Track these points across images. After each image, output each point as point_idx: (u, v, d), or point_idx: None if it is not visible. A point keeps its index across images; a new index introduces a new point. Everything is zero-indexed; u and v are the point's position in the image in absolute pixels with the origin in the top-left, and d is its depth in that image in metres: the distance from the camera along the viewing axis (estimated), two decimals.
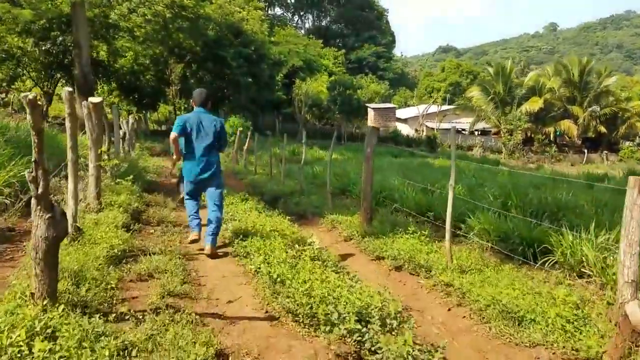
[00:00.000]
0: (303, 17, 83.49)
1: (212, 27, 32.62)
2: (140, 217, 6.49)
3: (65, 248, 3.91)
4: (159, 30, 28.25)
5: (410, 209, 7.41)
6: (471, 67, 71.72)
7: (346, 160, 19.12)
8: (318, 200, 9.06)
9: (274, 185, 11.29)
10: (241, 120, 19.70)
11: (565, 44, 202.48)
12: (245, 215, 6.62)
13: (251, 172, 15.75)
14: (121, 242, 4.49)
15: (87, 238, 4.33)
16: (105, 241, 4.31)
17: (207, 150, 5.32)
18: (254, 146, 17.88)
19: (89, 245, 4.15)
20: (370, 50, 72.93)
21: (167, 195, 8.89)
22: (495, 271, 4.89)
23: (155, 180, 11.49)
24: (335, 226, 6.97)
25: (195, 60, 33.10)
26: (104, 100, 26.41)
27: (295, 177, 13.15)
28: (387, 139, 35.68)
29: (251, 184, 12.77)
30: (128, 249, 4.59)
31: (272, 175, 13.70)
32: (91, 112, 5.78)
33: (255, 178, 13.52)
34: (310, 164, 18.38)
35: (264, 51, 34.42)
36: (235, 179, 14.77)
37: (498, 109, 40.64)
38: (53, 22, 25.42)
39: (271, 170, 13.89)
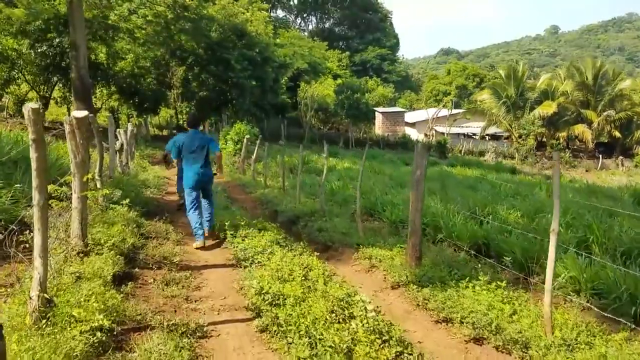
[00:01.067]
0: (306, 19, 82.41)
1: (215, 28, 31.42)
2: (137, 256, 5.25)
3: (24, 339, 2.69)
4: (160, 32, 27.11)
5: (463, 241, 6.17)
6: (477, 70, 70.53)
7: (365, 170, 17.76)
8: (343, 224, 7.82)
9: (289, 203, 10.05)
10: (247, 126, 18.44)
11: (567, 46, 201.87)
12: (267, 257, 5.37)
13: (260, 183, 14.51)
14: (107, 314, 3.24)
15: (60, 314, 3.09)
16: (86, 318, 3.07)
17: (203, 165, 6.63)
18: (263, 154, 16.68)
19: (60, 329, 2.91)
20: (375, 53, 71.75)
21: (170, 218, 7.68)
22: (604, 341, 3.66)
23: (156, 198, 10.24)
24: (375, 265, 5.71)
25: (197, 63, 31.88)
26: (104, 104, 25.24)
27: (311, 192, 11.93)
28: (396, 145, 34.44)
29: (262, 200, 11.53)
30: (117, 322, 3.34)
31: (285, 189, 12.43)
32: (75, 129, 4.55)
33: (265, 193, 12.28)
34: (320, 174, 17.16)
35: (269, 53, 33.21)
36: (244, 192, 13.54)
37: (510, 112, 39.40)
38: (50, 23, 24.29)
39: (284, 183, 12.62)
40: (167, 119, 36.45)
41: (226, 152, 18.96)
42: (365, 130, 38.89)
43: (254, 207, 11.31)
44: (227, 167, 18.07)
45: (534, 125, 36.96)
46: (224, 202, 10.55)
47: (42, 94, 26.60)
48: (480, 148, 37.97)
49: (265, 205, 10.99)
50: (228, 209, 9.49)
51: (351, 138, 33.05)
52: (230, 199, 12.26)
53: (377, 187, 11.64)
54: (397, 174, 16.91)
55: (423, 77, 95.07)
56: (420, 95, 74.05)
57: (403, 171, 17.87)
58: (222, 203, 10.21)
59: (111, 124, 8.66)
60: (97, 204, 5.98)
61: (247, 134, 17.60)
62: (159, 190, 11.93)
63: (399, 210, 8.11)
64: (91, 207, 5.73)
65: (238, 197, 12.78)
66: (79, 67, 21.56)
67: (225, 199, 11.33)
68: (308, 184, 13.53)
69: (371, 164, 19.38)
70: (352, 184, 12.33)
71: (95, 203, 5.86)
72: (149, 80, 32.11)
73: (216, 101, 33.34)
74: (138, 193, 8.33)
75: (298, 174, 11.23)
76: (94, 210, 5.85)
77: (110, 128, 8.48)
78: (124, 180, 8.79)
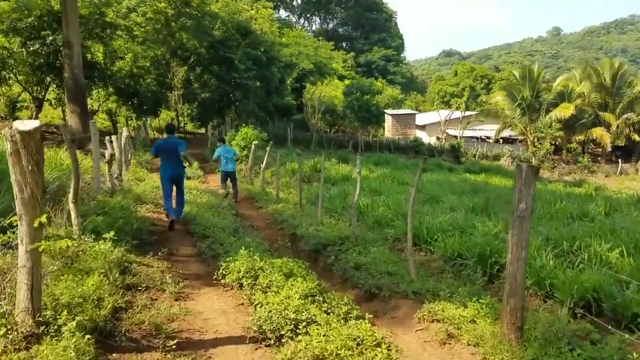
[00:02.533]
0: (309, 19, 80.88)
1: (218, 26, 29.90)
2: (116, 329, 3.63)
3: None
4: (161, 30, 25.60)
5: (563, 293, 4.57)
6: (485, 71, 68.91)
7: (381, 179, 16.17)
8: (385, 258, 6.24)
9: (309, 225, 8.44)
10: (255, 130, 16.86)
11: (569, 48, 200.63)
12: (304, 329, 3.76)
13: (271, 195, 12.91)
14: None
15: None
16: None
17: (175, 163, 8.36)
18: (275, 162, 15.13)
19: None
20: (380, 54, 70.17)
21: (168, 249, 6.11)
22: None
23: (152, 218, 8.65)
24: (453, 334, 4.09)
25: (199, 63, 30.35)
26: (101, 106, 23.65)
27: (330, 207, 10.33)
28: (408, 148, 32.81)
29: (276, 218, 9.94)
30: None
31: (302, 204, 10.81)
32: (20, 149, 2.97)
33: (279, 208, 10.68)
34: (336, 184, 15.58)
35: (274, 52, 31.67)
36: (253, 207, 11.94)
37: (525, 115, 37.77)
38: (43, 19, 22.77)
39: (300, 198, 10.98)
40: (167, 122, 34.81)
41: None
42: (373, 133, 37.30)
43: (267, 227, 9.72)
44: None
45: (551, 128, 35.33)
46: (231, 221, 8.96)
47: (35, 95, 25.01)
48: (495, 152, 36.32)
49: (281, 225, 9.40)
50: (238, 234, 7.90)
51: (360, 142, 31.43)
52: (239, 215, 10.68)
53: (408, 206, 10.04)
54: (420, 183, 15.28)
55: (426, 78, 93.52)
56: (426, 97, 72.46)
57: (427, 180, 16.24)
58: (230, 224, 8.62)
59: (94, 132, 7.01)
60: (62, 254, 4.35)
61: (255, 139, 16.02)
62: (156, 206, 10.34)
63: (454, 239, 6.52)
64: (55, 256, 4.13)
65: (247, 212, 11.19)
66: (73, 67, 19.98)
67: (233, 218, 9.74)
68: (326, 197, 11.96)
69: (394, 172, 17.70)
70: (378, 199, 10.75)
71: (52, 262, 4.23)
72: (149, 81, 30.55)
73: (219, 103, 31.78)
74: (128, 218, 6.72)
75: (319, 186, 9.60)
76: (60, 258, 4.25)
77: (94, 138, 6.87)
78: (110, 203, 7.18)
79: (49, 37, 22.67)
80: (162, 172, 8.57)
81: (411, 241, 5.58)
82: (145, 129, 28.25)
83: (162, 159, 8.45)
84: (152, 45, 27.89)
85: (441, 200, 11.19)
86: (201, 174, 16.18)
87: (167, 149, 8.25)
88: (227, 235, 7.43)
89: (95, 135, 6.88)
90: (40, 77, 24.40)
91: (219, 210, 10.11)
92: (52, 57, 23.23)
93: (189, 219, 8.48)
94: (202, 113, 32.67)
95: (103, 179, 8.91)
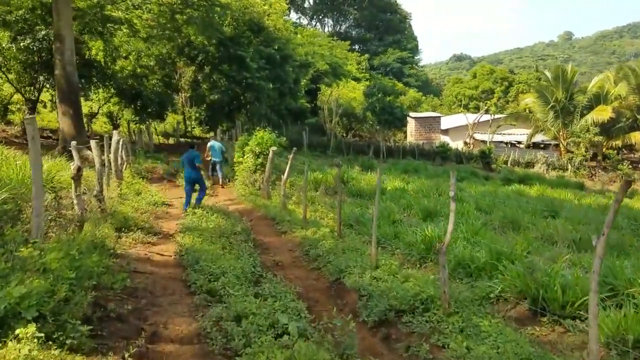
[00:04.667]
0: (322, 21, 78.48)
1: (229, 22, 27.51)
2: None
3: None
4: (165, 24, 23.18)
5: None
6: (505, 73, 65.98)
7: (425, 193, 13.42)
8: (510, 344, 3.64)
9: (363, 270, 5.86)
10: (272, 134, 14.33)
11: (582, 52, 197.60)
12: None
13: (294, 215, 10.34)
14: None
15: None
16: None
17: (193, 169, 10.65)
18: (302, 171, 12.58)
19: None
20: (395, 56, 67.62)
21: (152, 332, 3.59)
22: None
23: (139, 256, 6.11)
24: None
25: (208, 62, 27.94)
26: (101, 108, 21.19)
27: (381, 237, 7.73)
28: (434, 154, 30.11)
29: (307, 251, 7.38)
30: None
31: (340, 232, 8.17)
32: None
33: (309, 236, 8.12)
34: (371, 197, 12.99)
35: (289, 50, 29.19)
36: (273, 230, 9.38)
37: (558, 118, 34.92)
38: (35, 12, 20.52)
39: (340, 225, 8.26)
40: (174, 126, 32.40)
41: (244, 167, 14.85)
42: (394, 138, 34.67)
43: (295, 263, 7.16)
44: (246, 188, 13.96)
45: (589, 133, 32.47)
46: (248, 260, 6.40)
47: (28, 97, 22.69)
48: (528, 158, 33.47)
49: (316, 263, 6.83)
50: (260, 285, 5.33)
51: (382, 147, 28.79)
52: (256, 243, 8.12)
53: (487, 232, 7.39)
54: (474, 200, 12.60)
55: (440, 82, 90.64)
56: (442, 100, 69.70)
57: (477, 194, 13.57)
58: (247, 265, 6.08)
59: (34, 136, 4.33)
60: None
61: (272, 145, 13.49)
62: (147, 233, 7.81)
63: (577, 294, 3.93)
64: None
65: (267, 239, 8.62)
66: (65, 63, 17.66)
67: (249, 249, 7.20)
68: (359, 217, 9.36)
69: (439, 182, 14.99)
70: (439, 224, 8.12)
71: None
72: (154, 82, 28.21)
73: (229, 105, 29.31)
74: (86, 272, 4.13)
75: (374, 208, 7.02)
76: None
77: (33, 146, 4.28)
78: (65, 246, 4.57)
79: (41, 32, 20.40)
80: (185, 176, 10.95)
81: (595, 340, 2.96)
82: (149, 134, 25.82)
83: (185, 168, 10.91)
84: (157, 42, 25.51)
85: (526, 226, 8.53)
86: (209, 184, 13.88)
87: (187, 160, 10.66)
88: (244, 291, 4.88)
89: (36, 144, 4.27)
90: (33, 76, 22.12)
91: (231, 239, 7.56)
92: (45, 54, 20.93)
93: (189, 260, 5.94)
94: (211, 116, 30.23)
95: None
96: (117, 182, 11.13)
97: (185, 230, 7.77)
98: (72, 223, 6.00)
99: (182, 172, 12.38)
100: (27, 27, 20.54)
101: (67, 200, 8.54)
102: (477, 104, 60.58)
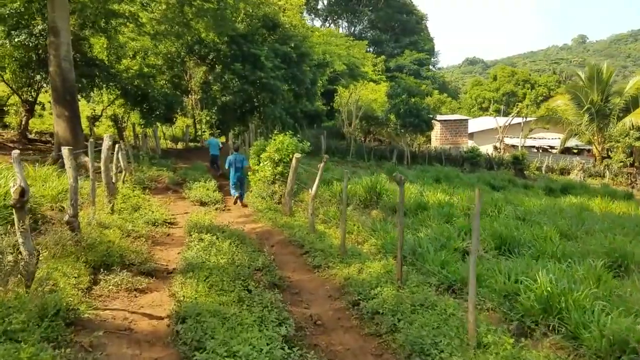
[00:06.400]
0: (336, 23, 76.47)
1: (242, 17, 25.60)
2: None
3: None
4: (173, 18, 21.26)
5: None
6: (527, 75, 63.42)
7: (483, 208, 11.21)
8: None
9: (456, 350, 3.72)
10: (294, 139, 12.25)
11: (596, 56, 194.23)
12: None
13: (326, 239, 8.22)
14: None
15: None
16: None
17: (238, 171, 12.65)
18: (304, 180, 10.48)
19: None
20: (412, 57, 65.34)
21: None
22: None
23: (111, 327, 4.04)
24: None
25: (219, 61, 26.00)
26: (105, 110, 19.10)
27: (449, 277, 5.59)
28: (460, 160, 27.85)
29: (357, 302, 5.27)
30: None
31: (402, 276, 5.98)
32: None
33: (353, 275, 6.01)
34: (414, 214, 10.86)
35: (306, 49, 27.17)
36: (302, 261, 7.27)
37: (594, 121, 32.46)
38: (32, 4, 18.71)
39: (401, 267, 6.00)
40: (183, 130, 30.47)
41: (259, 177, 12.78)
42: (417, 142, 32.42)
43: (341, 322, 5.04)
44: (263, 202, 11.90)
45: (629, 137, 30.01)
46: (275, 331, 4.30)
47: (25, 98, 20.89)
48: (561, 164, 31.02)
49: (374, 327, 4.72)
50: None
51: (407, 152, 26.58)
52: (282, 284, 6.03)
53: (609, 278, 5.22)
54: (537, 217, 10.37)
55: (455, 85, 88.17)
56: (461, 103, 67.32)
57: (537, 210, 11.33)
58: (273, 340, 3.98)
59: None
60: None
61: (294, 151, 11.41)
62: (138, 272, 5.76)
63: None
64: None
65: (295, 277, 6.53)
66: (60, 58, 15.75)
67: (272, 296, 5.10)
68: (415, 246, 7.21)
69: (470, 193, 12.73)
70: (542, 265, 5.95)
71: None
72: (162, 83, 26.33)
73: (241, 108, 27.33)
74: None
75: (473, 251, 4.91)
76: None
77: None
78: None
79: (37, 26, 18.58)
80: (233, 175, 12.57)
81: None
82: (155, 139, 23.81)
83: (232, 169, 12.60)
84: (165, 39, 23.63)
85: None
86: None
87: (236, 163, 12.53)
88: None
89: None
90: (30, 75, 20.30)
91: (249, 283, 5.49)
92: (42, 50, 19.06)
93: (189, 337, 3.85)
94: (222, 120, 28.28)
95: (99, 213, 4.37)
96: (109, 198, 9.11)
97: (187, 271, 5.70)
98: (14, 274, 3.96)
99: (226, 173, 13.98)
100: (23, 23, 18.76)
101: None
102: (498, 107, 58.17)
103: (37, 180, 10.38)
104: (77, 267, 5.27)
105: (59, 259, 5.32)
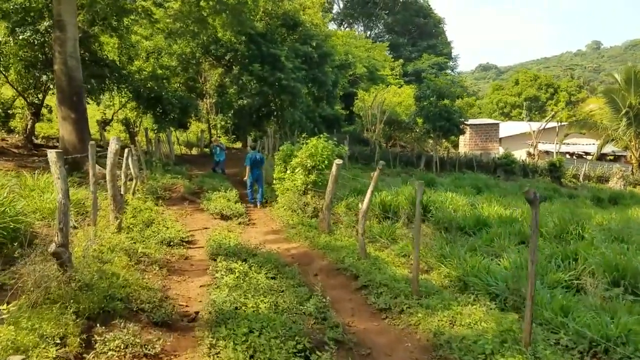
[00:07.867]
0: (351, 27, 75.03)
1: (260, 16, 24.15)
2: None
3: None
4: (189, 15, 19.83)
5: None
6: (551, 80, 61.31)
7: (563, 226, 9.33)
8: None
9: None
10: (330, 143, 10.60)
11: (611, 62, 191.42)
12: None
13: (385, 267, 6.53)
14: None
15: None
16: None
17: (259, 168, 12.46)
18: (356, 190, 8.74)
19: None
20: (430, 61, 63.52)
21: None
22: None
23: None
24: None
25: (237, 61, 24.52)
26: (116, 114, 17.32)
27: (548, 322, 3.85)
28: (495, 166, 26.00)
29: None
30: None
31: (531, 335, 4.25)
32: None
33: (444, 328, 4.32)
34: (475, 232, 9.16)
35: (328, 49, 25.61)
36: (360, 299, 5.58)
37: (631, 126, 30.45)
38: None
39: (530, 322, 4.24)
40: (197, 135, 28.98)
41: (287, 186, 11.13)
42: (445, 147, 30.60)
43: None
44: (294, 216, 10.25)
45: None
46: None
47: (31, 100, 19.55)
48: (599, 171, 29.05)
49: None
50: None
51: (435, 158, 24.83)
52: (343, 339, 4.36)
53: None
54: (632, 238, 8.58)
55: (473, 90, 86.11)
56: (481, 108, 65.33)
57: (608, 223, 9.54)
58: None
59: None
60: None
61: (330, 156, 9.77)
62: (147, 321, 4.14)
63: None
64: None
65: (358, 326, 4.83)
66: (66, 55, 14.34)
67: None
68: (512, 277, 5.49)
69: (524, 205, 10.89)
70: None
71: None
72: (176, 85, 24.92)
73: (258, 112, 25.82)
74: None
75: None
76: None
77: None
78: None
79: (43, 23, 17.21)
80: (254, 173, 12.44)
81: None
82: (169, 144, 22.28)
83: (253, 166, 12.39)
84: (179, 38, 22.23)
85: None
86: None
87: (257, 160, 12.45)
88: None
89: None
90: (35, 75, 18.92)
91: (304, 343, 3.83)
92: (49, 49, 17.70)
93: None
94: (238, 125, 26.80)
95: None
96: (115, 213, 7.52)
97: (218, 323, 4.05)
98: None
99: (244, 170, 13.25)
100: (29, 19, 17.42)
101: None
102: (520, 112, 56.15)
103: (35, 190, 8.88)
104: (64, 322, 3.65)
105: (38, 309, 3.72)
